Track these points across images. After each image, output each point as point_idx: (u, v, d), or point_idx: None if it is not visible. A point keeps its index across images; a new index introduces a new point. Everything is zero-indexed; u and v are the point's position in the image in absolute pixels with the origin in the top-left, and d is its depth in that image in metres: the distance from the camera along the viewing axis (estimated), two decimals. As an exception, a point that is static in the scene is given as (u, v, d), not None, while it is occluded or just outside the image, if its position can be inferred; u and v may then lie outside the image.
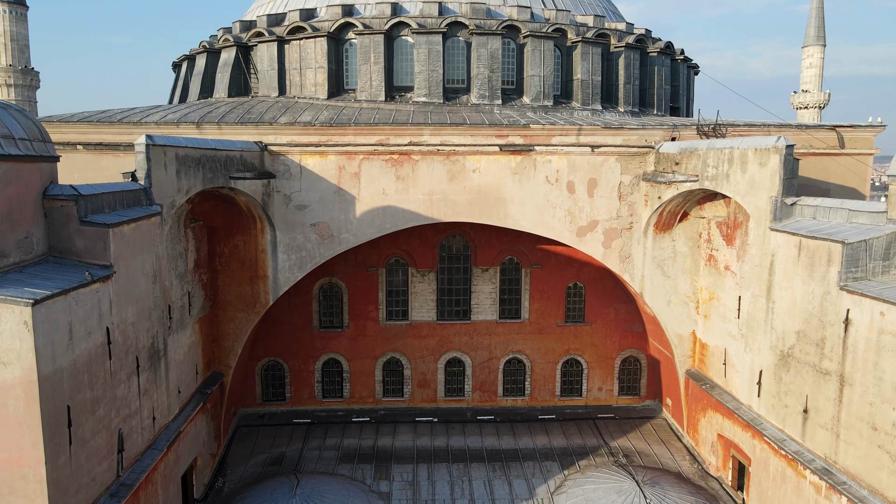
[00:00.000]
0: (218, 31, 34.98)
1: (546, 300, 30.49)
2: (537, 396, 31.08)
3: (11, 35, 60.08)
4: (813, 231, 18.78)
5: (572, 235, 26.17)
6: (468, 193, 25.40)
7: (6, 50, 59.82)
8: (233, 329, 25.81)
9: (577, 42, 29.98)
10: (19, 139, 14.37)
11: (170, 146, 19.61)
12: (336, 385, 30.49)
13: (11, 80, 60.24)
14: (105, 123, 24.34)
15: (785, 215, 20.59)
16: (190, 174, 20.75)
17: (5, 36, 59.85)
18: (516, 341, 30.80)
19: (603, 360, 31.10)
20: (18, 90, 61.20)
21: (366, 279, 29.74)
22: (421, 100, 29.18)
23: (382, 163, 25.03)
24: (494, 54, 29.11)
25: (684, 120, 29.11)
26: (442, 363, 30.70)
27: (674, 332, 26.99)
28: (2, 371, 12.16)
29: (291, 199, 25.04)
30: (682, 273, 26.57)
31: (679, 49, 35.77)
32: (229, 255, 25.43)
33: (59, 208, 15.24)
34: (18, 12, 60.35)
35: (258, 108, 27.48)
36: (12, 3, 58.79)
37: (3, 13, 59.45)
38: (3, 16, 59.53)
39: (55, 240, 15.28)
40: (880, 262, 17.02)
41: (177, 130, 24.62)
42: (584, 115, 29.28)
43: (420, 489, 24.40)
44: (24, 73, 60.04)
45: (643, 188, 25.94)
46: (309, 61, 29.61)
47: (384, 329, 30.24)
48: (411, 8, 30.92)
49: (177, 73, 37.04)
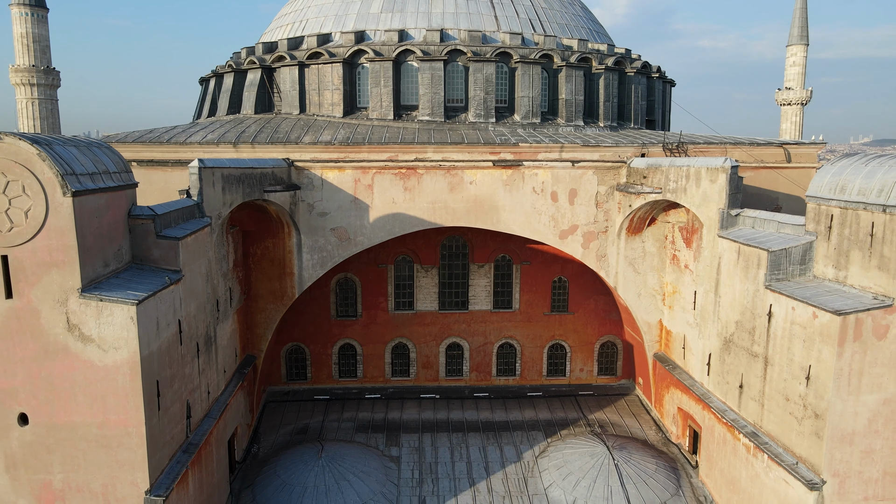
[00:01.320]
0: (241, 50, 38.25)
1: (534, 292, 34.14)
2: (526, 376, 34.82)
3: (34, 37, 62.84)
4: (749, 239, 22.39)
5: (556, 238, 29.74)
6: (466, 202, 28.94)
7: (29, 51, 62.57)
8: (264, 318, 29.45)
9: (561, 66, 33.38)
10: (113, 172, 17.94)
11: (217, 167, 23.16)
12: (351, 366, 34.22)
13: (35, 79, 63.06)
14: (155, 144, 27.85)
15: (730, 224, 24.18)
16: (232, 189, 24.33)
17: (28, 38, 62.64)
18: (508, 328, 34.48)
19: (584, 345, 34.81)
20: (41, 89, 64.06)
21: (377, 274, 33.37)
22: (425, 118, 32.66)
23: (392, 176, 28.55)
24: (489, 78, 32.56)
25: (654, 135, 32.53)
26: (443, 347, 34.39)
27: (643, 320, 30.63)
28: (114, 354, 15.84)
29: (314, 207, 28.57)
30: (651, 270, 30.17)
31: (655, 66, 39.12)
32: (261, 256, 29.03)
33: (140, 225, 18.82)
34: (39, 14, 63.08)
35: (283, 127, 30.94)
36: (34, 5, 61.59)
37: (26, 16, 62.22)
38: (26, 18, 62.30)
39: (137, 250, 18.85)
40: (798, 266, 20.63)
41: (216, 149, 28.14)
42: (567, 131, 32.77)
43: (425, 454, 28.17)
44: (46, 72, 62.76)
45: (617, 197, 29.47)
46: (326, 83, 33.05)
47: (393, 318, 33.91)
48: (416, 34, 34.30)
49: (205, 88, 40.37)
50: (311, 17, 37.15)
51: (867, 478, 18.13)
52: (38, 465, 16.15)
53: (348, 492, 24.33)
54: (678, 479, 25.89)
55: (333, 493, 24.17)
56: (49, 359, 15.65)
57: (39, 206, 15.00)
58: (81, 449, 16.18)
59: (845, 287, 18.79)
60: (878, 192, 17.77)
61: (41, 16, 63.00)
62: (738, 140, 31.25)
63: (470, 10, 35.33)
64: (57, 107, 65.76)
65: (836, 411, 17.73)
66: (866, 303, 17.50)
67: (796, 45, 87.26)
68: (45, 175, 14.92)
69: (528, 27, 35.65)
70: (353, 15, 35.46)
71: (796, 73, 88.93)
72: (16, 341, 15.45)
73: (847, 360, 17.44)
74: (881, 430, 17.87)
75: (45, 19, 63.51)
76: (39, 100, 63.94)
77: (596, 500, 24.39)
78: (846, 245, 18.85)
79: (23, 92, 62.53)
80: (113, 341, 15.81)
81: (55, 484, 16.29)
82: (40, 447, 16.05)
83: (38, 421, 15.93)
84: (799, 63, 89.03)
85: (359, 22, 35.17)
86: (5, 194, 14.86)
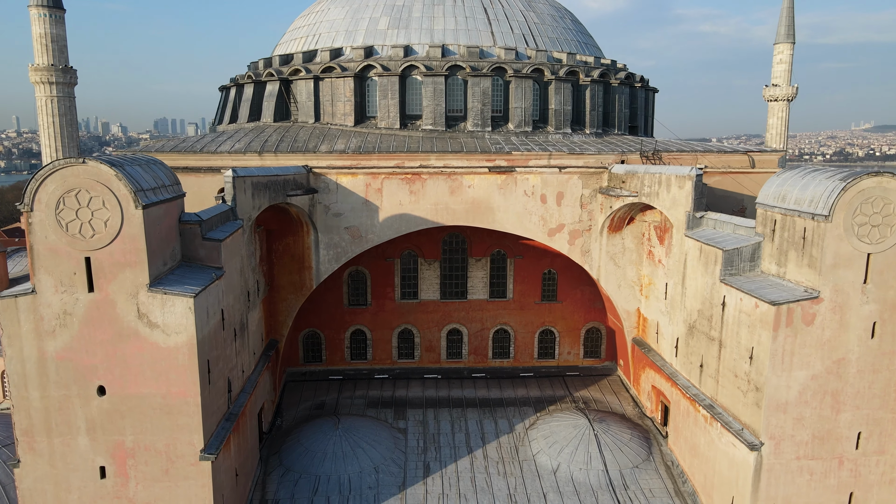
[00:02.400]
0: (259, 61, 41.11)
1: (526, 283, 37.27)
2: (519, 358, 38.02)
3: (52, 37, 65.12)
4: (709, 239, 25.47)
5: (545, 235, 32.78)
6: (465, 204, 31.96)
7: (47, 51, 64.86)
8: (285, 307, 32.59)
9: (551, 79, 36.27)
10: (167, 186, 21.01)
11: (248, 176, 26.21)
12: (361, 350, 37.42)
13: (53, 78, 65.46)
14: (189, 153, 30.86)
15: (695, 225, 27.25)
16: (260, 194, 27.38)
17: (46, 38, 64.97)
18: (503, 315, 37.64)
19: (571, 330, 37.98)
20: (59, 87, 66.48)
21: (385, 267, 36.48)
22: (428, 127, 35.62)
23: (399, 180, 31.57)
24: (486, 91, 35.49)
25: (634, 142, 35.46)
26: (444, 332, 37.58)
27: (623, 308, 33.76)
28: (176, 338, 18.99)
29: (330, 208, 31.60)
30: (630, 264, 33.25)
31: (639, 76, 41.96)
32: (282, 251, 32.11)
33: (189, 229, 21.89)
34: (57, 15, 65.38)
35: (301, 136, 33.92)
36: (51, 7, 64.01)
37: (44, 17, 64.60)
38: (44, 19, 64.67)
39: (185, 250, 21.92)
40: (748, 263, 23.73)
41: (243, 157, 31.15)
42: (556, 138, 35.73)
43: (428, 426, 31.40)
44: (64, 71, 65.06)
45: (599, 199, 32.50)
46: (339, 95, 35.98)
47: (399, 306, 37.06)
48: (419, 49, 37.16)
49: (225, 96, 43.23)
50: (323, 32, 39.98)
51: (798, 440, 21.33)
52: (113, 428, 19.35)
53: (363, 457, 27.60)
54: (650, 446, 29.14)
55: (350, 458, 27.43)
56: (123, 341, 18.80)
57: (116, 217, 18.09)
58: (148, 415, 19.37)
59: (784, 281, 21.91)
60: (809, 202, 20.85)
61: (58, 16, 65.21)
62: (707, 147, 34.24)
63: (469, 26, 38.17)
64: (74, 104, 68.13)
65: (772, 385, 20.90)
66: (797, 295, 20.63)
67: (783, 43, 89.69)
68: (120, 192, 18.00)
69: (521, 42, 38.50)
70: (363, 31, 38.31)
71: (783, 71, 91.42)
72: (96, 327, 18.60)
73: (781, 342, 20.59)
74: (809, 401, 21.05)
75: (62, 20, 65.70)
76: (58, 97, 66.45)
77: (577, 464, 27.65)
78: (785, 246, 21.96)
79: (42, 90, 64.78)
80: (175, 327, 18.95)
81: (127, 444, 19.51)
82: (115, 413, 19.24)
83: (113, 392, 19.11)
84: (785, 61, 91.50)
85: (367, 37, 38.04)
86: (89, 208, 17.95)
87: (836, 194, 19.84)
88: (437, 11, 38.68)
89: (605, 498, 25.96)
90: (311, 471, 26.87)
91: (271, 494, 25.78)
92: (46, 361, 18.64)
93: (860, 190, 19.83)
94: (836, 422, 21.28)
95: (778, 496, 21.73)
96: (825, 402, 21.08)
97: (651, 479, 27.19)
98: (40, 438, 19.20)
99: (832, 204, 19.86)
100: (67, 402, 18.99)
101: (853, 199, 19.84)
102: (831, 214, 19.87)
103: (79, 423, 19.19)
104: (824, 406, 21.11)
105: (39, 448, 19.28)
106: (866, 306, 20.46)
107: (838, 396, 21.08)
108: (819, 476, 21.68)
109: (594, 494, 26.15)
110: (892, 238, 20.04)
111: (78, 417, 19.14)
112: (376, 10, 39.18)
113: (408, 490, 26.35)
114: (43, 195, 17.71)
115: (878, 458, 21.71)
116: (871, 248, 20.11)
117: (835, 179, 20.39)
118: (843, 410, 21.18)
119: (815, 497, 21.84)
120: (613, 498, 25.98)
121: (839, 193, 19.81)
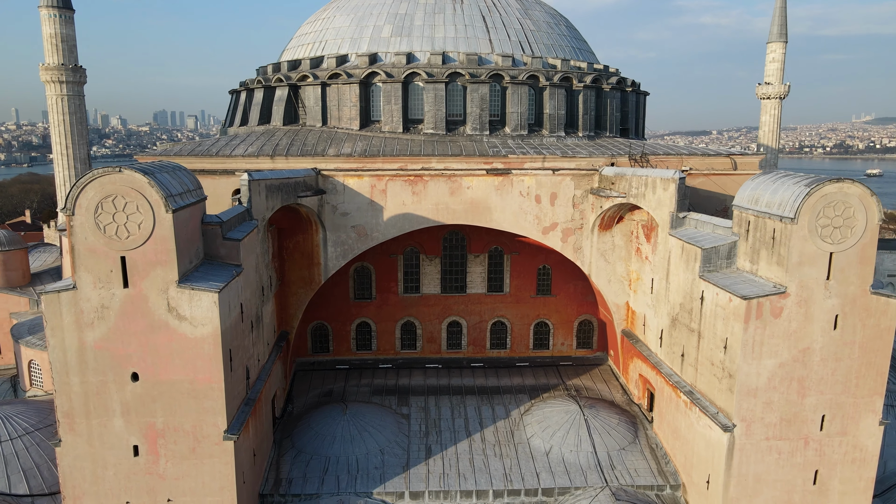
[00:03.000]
0: (268, 66, 42.79)
1: (522, 278, 39.07)
2: (515, 349, 39.87)
3: (62, 37, 66.38)
4: (690, 238, 27.24)
5: (539, 233, 34.54)
6: (464, 204, 33.71)
7: (57, 50, 66.12)
8: (295, 301, 34.40)
9: (546, 85, 37.96)
10: (191, 190, 22.76)
11: (262, 179, 27.96)
12: (366, 341, 39.27)
13: (63, 77, 66.76)
14: (205, 156, 32.61)
15: (678, 225, 29.01)
16: (273, 196, 29.14)
17: (57, 38, 66.24)
18: (500, 308, 39.46)
19: (565, 323, 39.81)
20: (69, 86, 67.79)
21: (389, 263, 38.27)
22: (429, 130, 37.34)
23: (402, 182, 33.31)
24: (484, 97, 37.19)
25: (624, 144, 37.19)
26: (445, 324, 39.42)
27: (613, 302, 35.57)
28: (202, 329, 20.79)
29: (337, 208, 33.35)
30: (619, 260, 35.02)
31: (630, 81, 43.63)
32: (293, 248, 33.90)
33: (211, 230, 23.65)
34: (66, 15, 66.67)
35: (310, 139, 35.65)
36: (61, 7, 65.41)
37: (54, 17, 65.96)
38: (54, 19, 66.01)
39: (207, 249, 23.69)
40: (725, 260, 25.51)
41: (256, 160, 32.89)
42: (550, 141, 37.46)
43: (430, 412, 33.27)
44: (74, 70, 66.35)
45: (590, 199, 34.24)
46: (345, 100, 37.67)
47: (402, 299, 38.88)
48: (421, 56, 38.83)
49: (235, 99, 44.92)
50: (329, 39, 41.63)
51: (767, 422, 23.18)
52: (145, 411, 21.20)
53: (369, 440, 29.48)
54: (636, 430, 31.02)
55: (357, 441, 29.31)
56: (154, 332, 20.61)
57: (148, 220, 19.87)
58: (177, 399, 21.21)
59: (756, 278, 23.71)
60: (778, 205, 22.62)
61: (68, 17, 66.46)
62: (692, 150, 35.97)
63: (468, 34, 39.82)
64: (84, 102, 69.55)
65: (743, 372, 22.73)
66: (767, 290, 22.42)
67: (776, 42, 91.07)
68: (153, 197, 19.77)
69: (518, 49, 40.14)
70: (367, 38, 39.96)
71: (775, 69, 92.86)
72: (130, 319, 20.40)
73: (751, 333, 22.40)
74: (777, 387, 22.89)
75: (71, 20, 66.91)
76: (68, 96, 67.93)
77: (568, 446, 29.52)
78: (758, 245, 23.74)
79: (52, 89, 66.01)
80: (201, 319, 20.76)
81: (157, 425, 21.35)
82: (147, 397, 21.08)
83: (145, 378, 20.94)
84: (778, 59, 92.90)
85: (372, 44, 39.69)
86: (124, 212, 19.73)
87: (802, 198, 21.60)
88: (437, 20, 40.33)
89: (593, 477, 27.85)
90: (321, 452, 28.75)
91: (285, 473, 27.67)
92: (86, 350, 20.45)
93: (823, 195, 21.59)
94: (801, 405, 23.12)
95: (749, 473, 23.60)
96: (792, 387, 22.92)
97: (637, 459, 29.07)
98: (79, 420, 21.04)
99: (798, 207, 21.62)
100: (104, 387, 20.82)
101: (817, 203, 21.60)
102: (797, 217, 21.64)
103: (114, 406, 21.03)
104: (791, 391, 22.95)
105: (79, 429, 21.13)
106: (829, 300, 22.26)
107: (804, 382, 22.91)
108: (787, 455, 23.55)
109: (583, 474, 28.03)
110: (852, 238, 21.82)
111: (114, 401, 20.97)
112: (380, 18, 40.83)
113: (411, 470, 28.23)
114: (83, 201, 19.48)
115: (841, 438, 23.56)
116: (833, 248, 21.89)
117: (801, 185, 22.15)
118: (808, 395, 23.02)
119: (784, 474, 23.72)
120: (602, 477, 27.85)
121: (804, 198, 21.57)
